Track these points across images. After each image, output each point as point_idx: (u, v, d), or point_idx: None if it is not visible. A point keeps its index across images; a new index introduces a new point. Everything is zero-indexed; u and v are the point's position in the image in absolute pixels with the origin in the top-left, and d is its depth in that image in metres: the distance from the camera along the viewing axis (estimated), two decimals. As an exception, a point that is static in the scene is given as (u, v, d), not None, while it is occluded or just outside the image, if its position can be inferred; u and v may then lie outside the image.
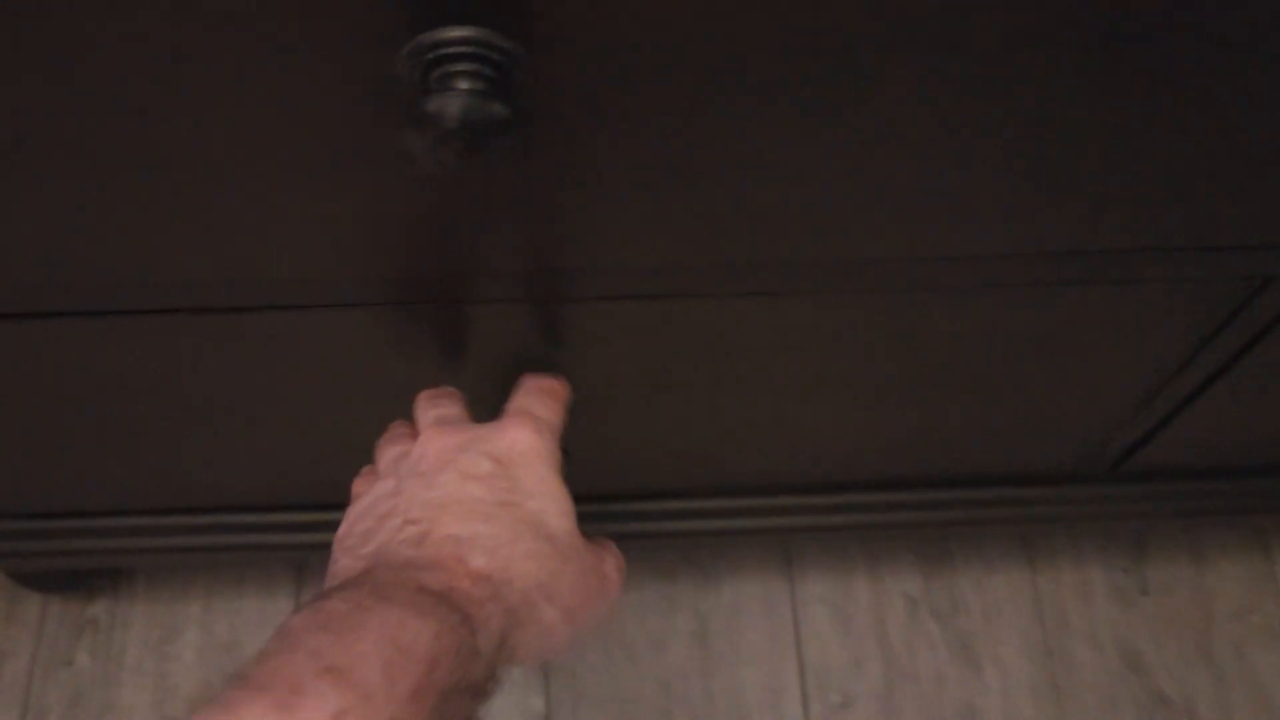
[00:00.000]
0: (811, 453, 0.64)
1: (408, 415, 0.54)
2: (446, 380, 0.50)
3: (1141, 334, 0.51)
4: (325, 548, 0.68)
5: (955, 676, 0.80)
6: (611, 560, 0.41)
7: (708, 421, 0.58)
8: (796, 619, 0.81)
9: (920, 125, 0.35)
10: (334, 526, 0.67)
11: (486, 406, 0.52)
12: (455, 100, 0.29)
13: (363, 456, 0.57)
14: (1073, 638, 0.82)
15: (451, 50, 0.29)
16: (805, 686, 0.79)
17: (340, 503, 0.64)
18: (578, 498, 0.42)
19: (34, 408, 0.52)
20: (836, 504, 0.71)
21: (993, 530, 0.81)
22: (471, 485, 0.38)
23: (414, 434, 0.44)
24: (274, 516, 0.68)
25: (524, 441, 0.40)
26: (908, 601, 0.82)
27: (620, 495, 0.69)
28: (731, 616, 0.81)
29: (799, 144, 0.36)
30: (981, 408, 0.58)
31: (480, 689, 0.33)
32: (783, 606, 0.82)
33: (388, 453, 0.44)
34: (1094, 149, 0.37)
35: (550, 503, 0.39)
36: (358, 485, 0.45)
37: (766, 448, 0.62)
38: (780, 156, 0.36)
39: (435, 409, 0.44)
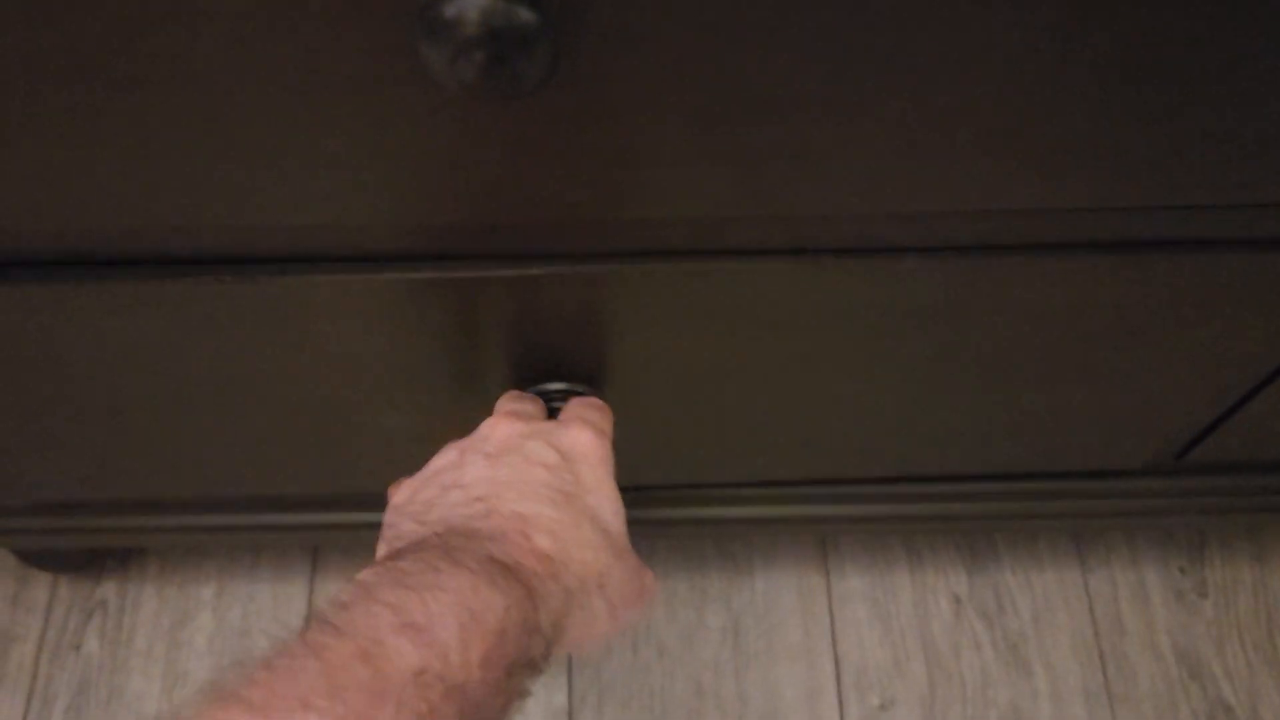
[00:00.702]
0: (852, 439, 0.61)
1: (426, 396, 0.52)
2: (467, 353, 0.48)
3: (1228, 307, 0.47)
4: (343, 529, 0.67)
5: (1002, 679, 0.76)
6: (649, 572, 0.43)
7: (743, 401, 0.55)
8: (833, 616, 0.78)
9: (997, 54, 0.32)
10: (352, 507, 0.66)
11: (502, 384, 0.50)
12: (475, 3, 0.26)
13: (382, 437, 0.55)
14: (1127, 641, 0.78)
15: (472, -55, 0.26)
16: (842, 687, 0.76)
17: (357, 489, 0.63)
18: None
19: (38, 382, 0.50)
20: (877, 494, 0.68)
21: (1043, 525, 0.77)
22: (537, 470, 0.40)
23: None
24: (290, 496, 0.66)
25: (587, 442, 0.42)
26: (952, 599, 0.79)
27: (650, 484, 0.66)
28: (765, 612, 0.78)
29: (864, 73, 0.32)
30: (1042, 393, 0.55)
31: (536, 665, 0.34)
32: (819, 602, 0.79)
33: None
34: (1198, 83, 0.33)
35: (607, 502, 0.41)
36: (393, 489, 0.46)
37: (804, 433, 0.59)
38: (842, 87, 0.33)
39: (515, 402, 0.46)
